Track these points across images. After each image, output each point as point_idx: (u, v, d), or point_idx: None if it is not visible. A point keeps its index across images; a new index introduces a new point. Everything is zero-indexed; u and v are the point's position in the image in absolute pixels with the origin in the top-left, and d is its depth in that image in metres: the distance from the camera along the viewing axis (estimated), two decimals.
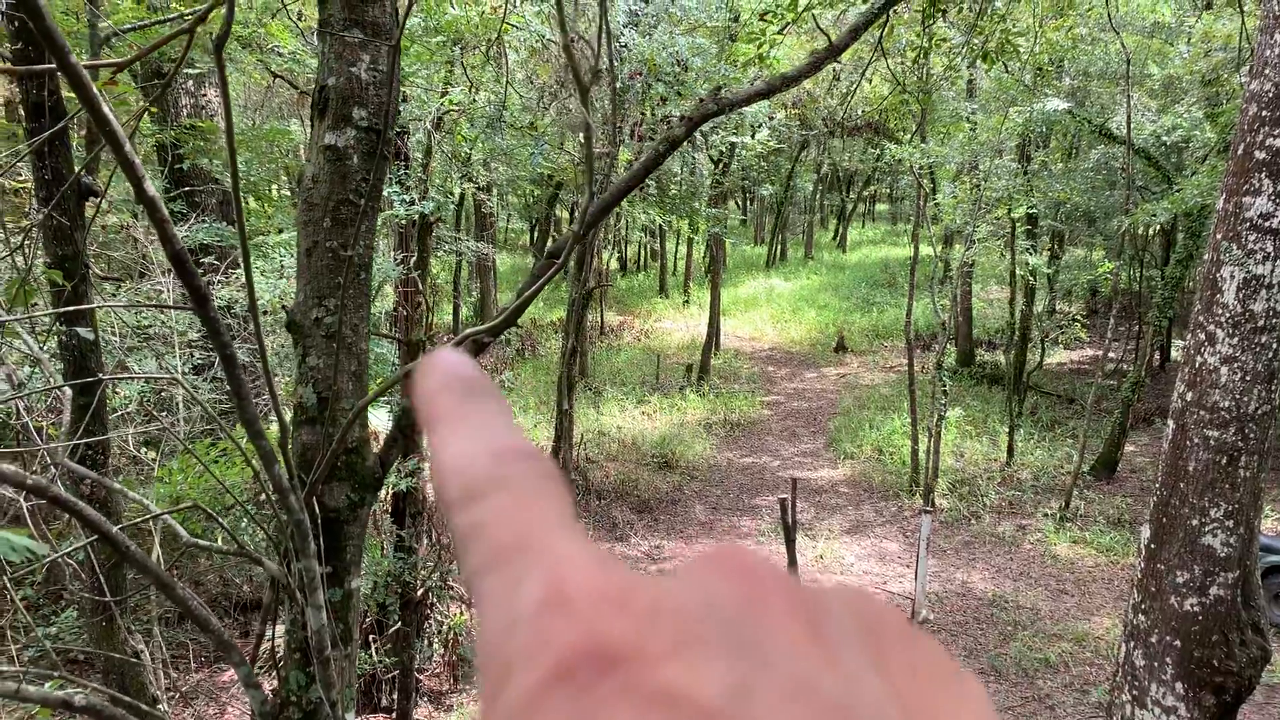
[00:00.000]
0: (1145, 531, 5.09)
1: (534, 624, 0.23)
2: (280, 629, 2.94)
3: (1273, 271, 4.55)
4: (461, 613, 9.37)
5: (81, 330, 4.35)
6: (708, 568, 0.27)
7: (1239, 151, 4.66)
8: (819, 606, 0.26)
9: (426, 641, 9.02)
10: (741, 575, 0.26)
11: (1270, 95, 4.50)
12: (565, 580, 0.24)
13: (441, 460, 0.29)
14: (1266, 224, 4.52)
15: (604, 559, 0.26)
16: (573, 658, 0.22)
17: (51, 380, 4.47)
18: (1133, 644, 4.98)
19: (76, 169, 4.90)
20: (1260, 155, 4.52)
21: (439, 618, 9.27)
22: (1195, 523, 4.71)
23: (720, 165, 19.46)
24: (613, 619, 0.23)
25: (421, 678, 8.75)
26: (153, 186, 1.72)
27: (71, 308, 3.98)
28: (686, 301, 29.65)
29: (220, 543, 6.18)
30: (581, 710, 0.21)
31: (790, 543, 10.06)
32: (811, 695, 0.22)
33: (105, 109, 1.54)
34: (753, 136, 15.13)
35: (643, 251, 38.90)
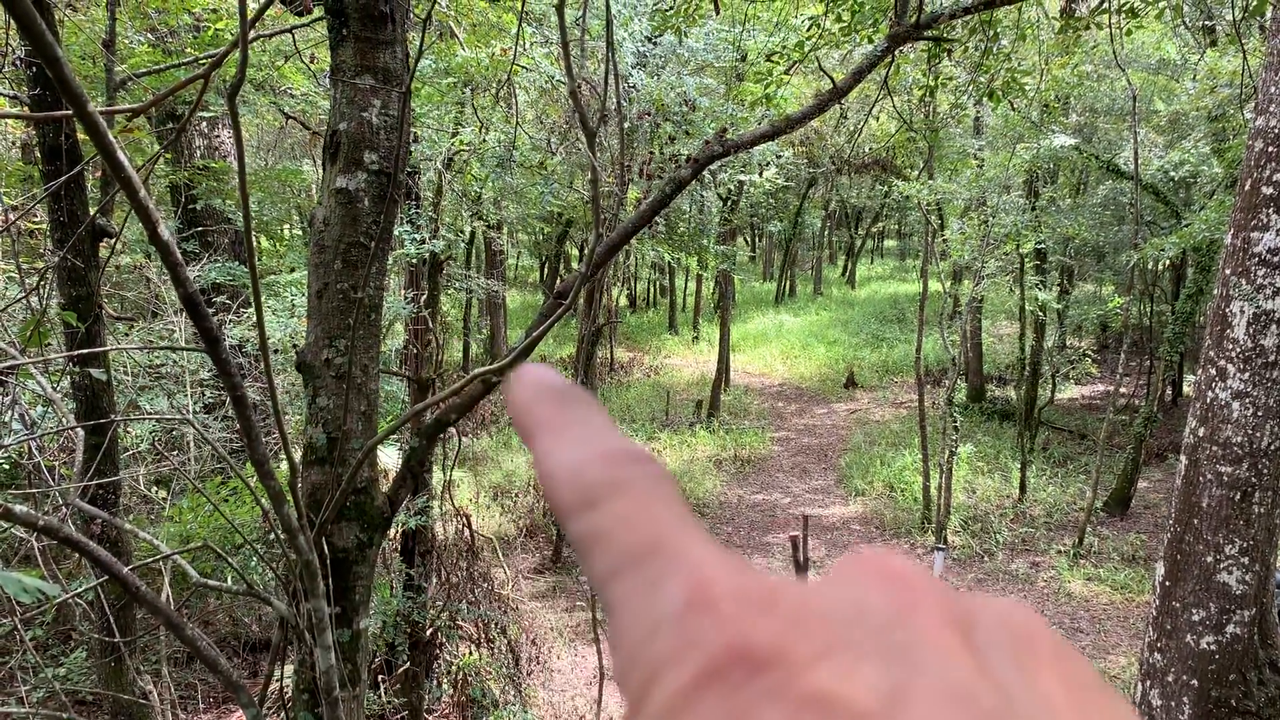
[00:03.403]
0: (1160, 569, 5.05)
1: (679, 626, 0.23)
2: (289, 669, 2.93)
3: None
4: (471, 652, 9.31)
5: (94, 371, 4.38)
6: (855, 571, 0.26)
7: (1246, 187, 4.68)
8: (969, 615, 0.26)
9: (435, 682, 8.95)
10: (890, 580, 0.26)
11: (1276, 132, 4.51)
12: (708, 582, 0.24)
13: (550, 467, 0.29)
14: (1275, 259, 4.53)
15: (739, 562, 0.26)
16: (722, 659, 0.22)
17: (64, 420, 4.49)
18: (1149, 683, 4.93)
19: (91, 211, 4.95)
20: (1267, 191, 4.53)
21: (448, 657, 9.21)
22: (1210, 560, 4.68)
23: (729, 202, 19.55)
24: (760, 621, 0.23)
25: (430, 718, 8.68)
26: (167, 230, 1.74)
27: (86, 350, 4.01)
28: (696, 338, 29.68)
29: (230, 582, 6.18)
30: (732, 711, 0.21)
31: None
32: (968, 703, 0.21)
33: (121, 156, 1.57)
34: (761, 174, 15.22)
35: (652, 288, 39.02)
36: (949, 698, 0.21)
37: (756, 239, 48.95)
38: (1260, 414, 4.56)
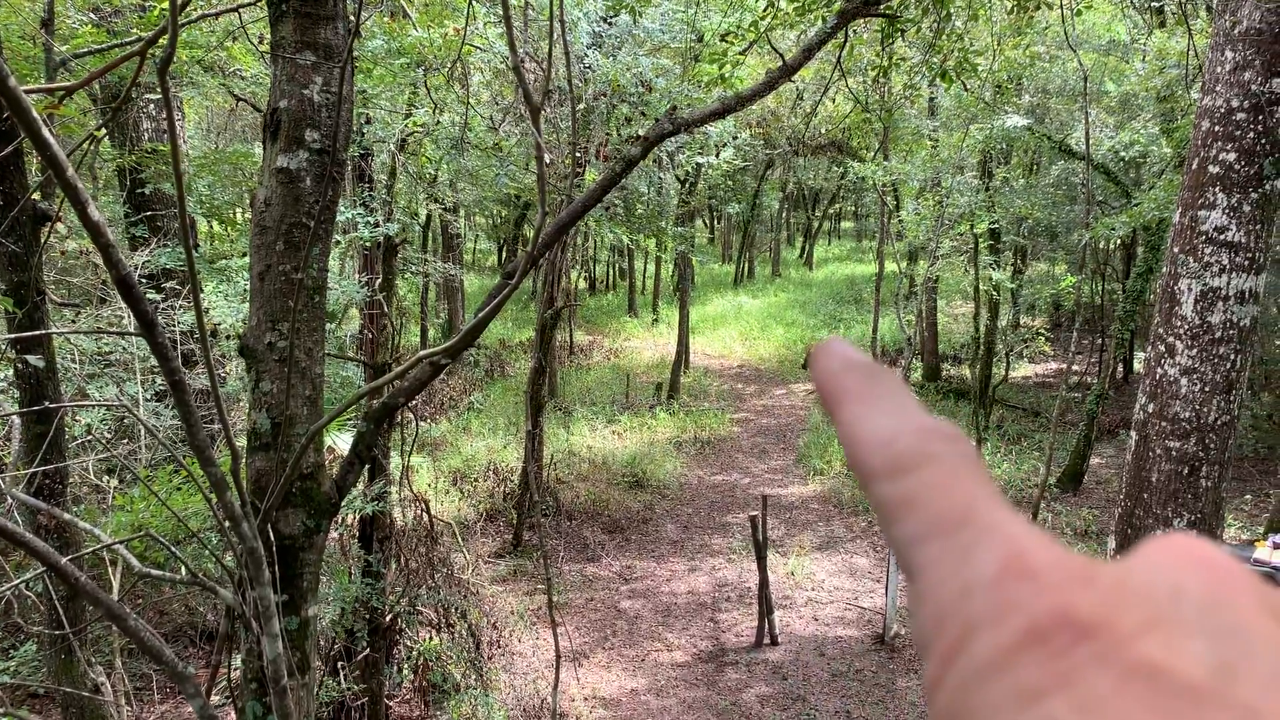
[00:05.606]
0: (1111, 543, 5.12)
1: (996, 589, 0.25)
2: (239, 659, 2.89)
3: (1229, 283, 4.61)
4: (431, 637, 9.27)
5: (31, 358, 4.28)
6: (1165, 555, 0.27)
7: (1193, 166, 4.73)
8: None
9: (396, 668, 8.90)
10: (1204, 566, 0.26)
11: (1222, 110, 4.57)
12: (1024, 552, 0.26)
13: (858, 433, 0.31)
14: (1222, 237, 4.59)
15: (1050, 538, 0.27)
16: (1045, 622, 0.23)
17: (2, 409, 4.40)
18: None
19: (33, 195, 4.82)
20: (1214, 169, 4.59)
21: (408, 643, 9.16)
22: (1159, 533, 4.74)
23: (687, 184, 19.53)
24: (1081, 591, 0.24)
25: (391, 704, 8.63)
26: (97, 211, 1.69)
27: (20, 334, 3.91)
28: (655, 320, 29.66)
29: (183, 572, 6.08)
30: (1057, 672, 0.22)
31: (761, 560, 10.05)
32: None
33: (45, 132, 1.51)
34: (718, 155, 15.21)
35: (611, 271, 38.94)
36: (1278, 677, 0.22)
37: (715, 221, 49.01)
38: (1207, 389, 4.63)
